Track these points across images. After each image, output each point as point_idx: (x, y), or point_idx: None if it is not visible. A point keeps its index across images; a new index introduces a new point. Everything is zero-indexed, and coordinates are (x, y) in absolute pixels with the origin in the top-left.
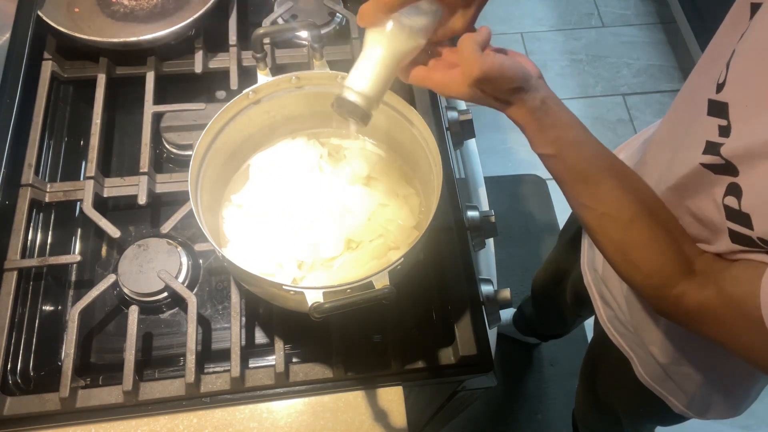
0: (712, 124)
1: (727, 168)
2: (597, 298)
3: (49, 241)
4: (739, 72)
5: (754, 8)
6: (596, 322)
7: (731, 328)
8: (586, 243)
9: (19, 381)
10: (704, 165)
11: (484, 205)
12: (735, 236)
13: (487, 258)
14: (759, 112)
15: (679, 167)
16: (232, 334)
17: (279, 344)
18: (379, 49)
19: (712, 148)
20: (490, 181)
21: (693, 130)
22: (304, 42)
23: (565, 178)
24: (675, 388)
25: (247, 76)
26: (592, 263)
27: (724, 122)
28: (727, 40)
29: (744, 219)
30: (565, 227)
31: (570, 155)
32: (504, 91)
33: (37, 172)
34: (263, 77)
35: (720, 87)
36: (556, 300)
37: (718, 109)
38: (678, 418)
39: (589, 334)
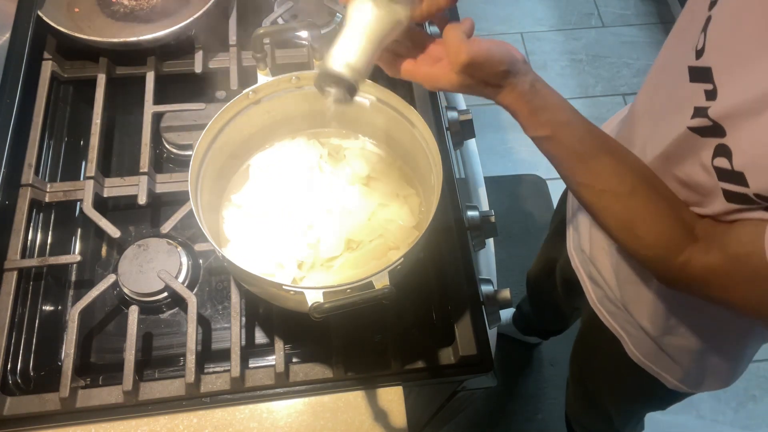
0: (697, 90)
1: (715, 130)
2: (586, 279)
3: (49, 241)
4: (718, 37)
5: None
6: (585, 306)
7: (739, 289)
8: (570, 227)
9: (19, 381)
10: (691, 129)
11: (484, 205)
12: (730, 196)
13: (487, 258)
14: (743, 73)
15: (664, 135)
16: (232, 334)
17: (279, 344)
18: (362, 21)
19: (699, 111)
20: (490, 181)
21: (676, 98)
22: (304, 42)
23: (562, 158)
24: (669, 363)
25: (247, 76)
26: (578, 245)
27: (709, 86)
28: (697, 8)
29: (738, 178)
30: (552, 217)
31: (564, 135)
32: (493, 74)
33: (37, 172)
34: (263, 77)
35: (699, 53)
36: (549, 294)
37: (701, 74)
38: (670, 398)
39: None
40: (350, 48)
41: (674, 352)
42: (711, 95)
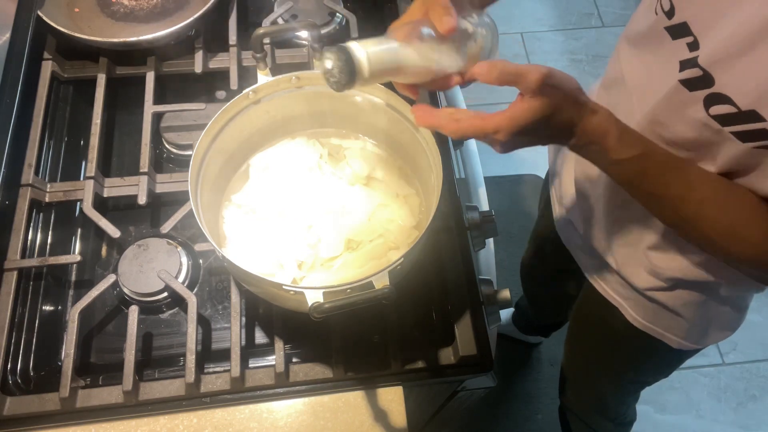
0: (679, 45)
1: (704, 80)
2: (578, 252)
3: (49, 241)
4: None
5: None
6: (579, 283)
7: None
8: (557, 204)
9: (19, 381)
10: (682, 81)
11: (484, 205)
12: (745, 136)
13: (487, 258)
14: (718, 17)
15: (650, 98)
16: (232, 334)
17: (279, 344)
18: (429, 43)
19: (688, 63)
20: (490, 181)
21: (659, 59)
22: (304, 42)
23: (655, 174)
24: (672, 319)
25: (247, 76)
26: (567, 220)
27: (690, 39)
28: None
29: (750, 117)
30: (538, 203)
31: (655, 149)
32: (571, 89)
33: (37, 172)
34: (263, 77)
35: (670, 13)
36: (543, 282)
37: (679, 30)
38: (672, 361)
39: None
40: (379, 46)
41: (676, 305)
42: (694, 46)
